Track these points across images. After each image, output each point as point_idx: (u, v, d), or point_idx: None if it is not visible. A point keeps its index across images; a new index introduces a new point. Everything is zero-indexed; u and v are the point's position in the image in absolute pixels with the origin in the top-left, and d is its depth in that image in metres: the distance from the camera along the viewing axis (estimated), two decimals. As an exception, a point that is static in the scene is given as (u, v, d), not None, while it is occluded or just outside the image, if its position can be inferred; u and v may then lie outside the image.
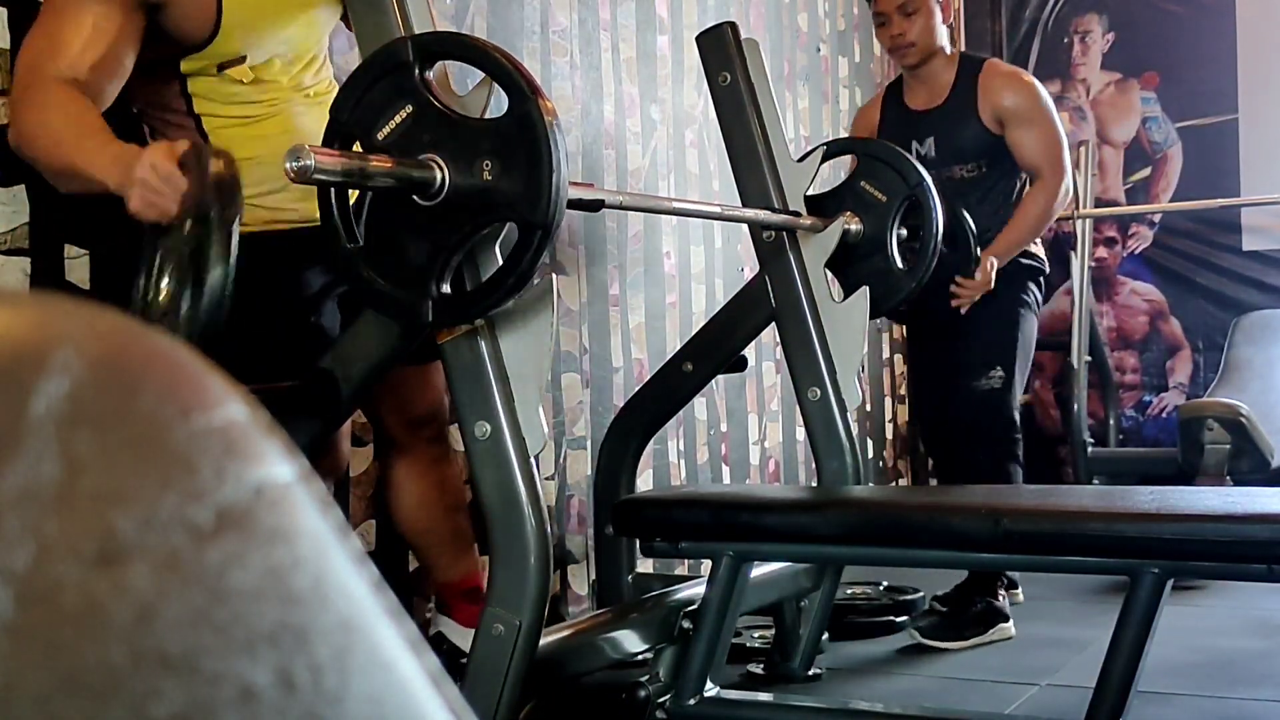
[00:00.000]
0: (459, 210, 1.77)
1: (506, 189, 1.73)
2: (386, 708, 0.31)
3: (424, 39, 1.81)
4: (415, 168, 1.75)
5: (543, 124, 1.71)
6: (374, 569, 0.34)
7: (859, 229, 2.91)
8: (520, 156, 1.72)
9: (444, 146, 1.76)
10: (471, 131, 1.76)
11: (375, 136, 1.79)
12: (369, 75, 1.81)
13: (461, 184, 1.75)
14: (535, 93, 1.72)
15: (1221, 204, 5.18)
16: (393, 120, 1.79)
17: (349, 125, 1.81)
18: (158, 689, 0.28)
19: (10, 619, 0.27)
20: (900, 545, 2.15)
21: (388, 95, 1.79)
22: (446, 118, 1.77)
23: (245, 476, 0.31)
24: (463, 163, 1.75)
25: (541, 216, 1.72)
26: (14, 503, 0.28)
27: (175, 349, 0.33)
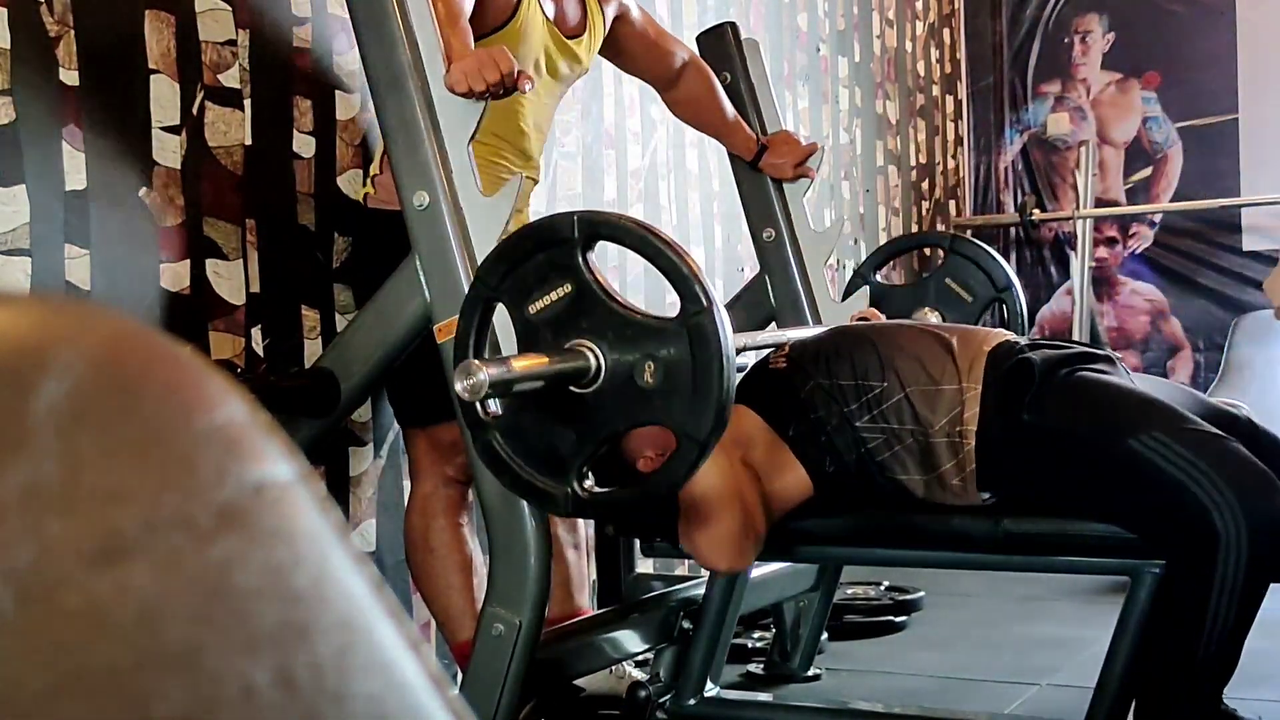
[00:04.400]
0: (612, 404, 1.67)
1: (669, 397, 1.63)
2: (386, 707, 0.31)
3: (591, 219, 1.70)
4: (573, 359, 1.66)
5: (718, 340, 1.60)
6: (374, 569, 0.34)
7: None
8: (688, 369, 1.61)
9: (602, 335, 1.66)
10: (635, 327, 1.65)
11: (527, 309, 1.70)
12: (524, 245, 1.72)
13: (618, 377, 1.65)
14: (711, 303, 1.61)
15: (1221, 204, 5.18)
16: (548, 297, 1.69)
17: (497, 292, 1.72)
18: (159, 688, 0.28)
19: (12, 618, 0.27)
20: (900, 545, 2.15)
21: (544, 270, 1.69)
22: (607, 306, 1.67)
23: (246, 476, 0.31)
24: (622, 357, 1.65)
25: (706, 435, 1.62)
26: (16, 502, 0.28)
27: (176, 349, 0.33)
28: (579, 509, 1.76)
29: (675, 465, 1.67)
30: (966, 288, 2.89)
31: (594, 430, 1.69)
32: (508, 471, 1.75)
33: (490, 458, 1.76)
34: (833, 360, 2.10)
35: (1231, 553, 1.76)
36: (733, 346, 1.63)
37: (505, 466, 1.75)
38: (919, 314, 2.89)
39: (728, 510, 1.98)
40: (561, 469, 1.71)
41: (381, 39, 1.97)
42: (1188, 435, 1.85)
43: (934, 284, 2.94)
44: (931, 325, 2.24)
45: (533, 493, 1.75)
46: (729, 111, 2.77)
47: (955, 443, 2.01)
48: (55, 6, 2.02)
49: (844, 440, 2.05)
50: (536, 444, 1.73)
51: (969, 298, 2.89)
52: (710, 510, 1.98)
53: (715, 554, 2.02)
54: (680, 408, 1.62)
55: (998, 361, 2.03)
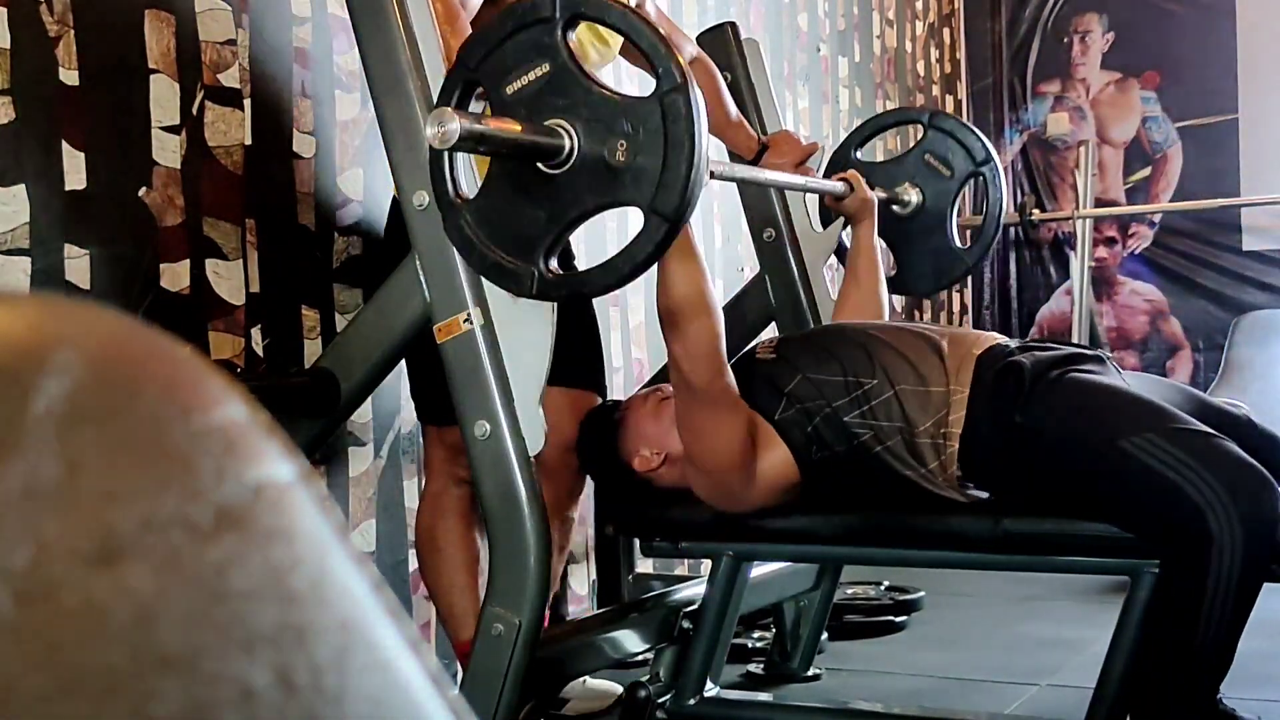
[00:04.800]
0: (583, 184, 1.65)
1: (640, 173, 1.62)
2: (386, 707, 0.31)
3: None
4: (546, 134, 1.64)
5: (690, 114, 1.59)
6: (374, 569, 0.34)
7: (919, 201, 2.87)
8: (660, 143, 1.60)
9: (577, 115, 1.64)
10: (610, 105, 1.64)
11: (505, 90, 1.68)
12: (505, 26, 1.70)
13: (590, 157, 1.64)
14: (685, 78, 1.61)
15: (1221, 204, 5.18)
16: (526, 77, 1.67)
17: (475, 73, 1.70)
18: (158, 689, 0.28)
19: (10, 618, 0.27)
20: (900, 545, 2.15)
21: (524, 50, 1.67)
22: (583, 85, 1.65)
23: (245, 476, 0.31)
24: (595, 136, 1.64)
25: (674, 211, 1.61)
26: (14, 502, 0.28)
27: (175, 349, 0.33)
28: (544, 289, 1.74)
29: (642, 242, 1.66)
30: (945, 162, 2.87)
31: (563, 210, 1.69)
32: (475, 251, 1.74)
33: (460, 239, 1.75)
34: (821, 355, 2.11)
35: (1225, 552, 1.76)
36: (705, 124, 1.62)
37: (474, 247, 1.74)
38: (899, 189, 2.87)
39: (702, 317, 1.98)
40: (530, 249, 1.70)
41: (381, 39, 1.97)
42: (1180, 435, 1.85)
43: (913, 160, 2.92)
44: (922, 326, 2.24)
45: (500, 273, 1.74)
46: (732, 111, 2.77)
47: (938, 444, 2.01)
48: (55, 6, 2.02)
49: (831, 432, 2.06)
50: (506, 225, 1.72)
51: (948, 172, 2.87)
52: (686, 316, 1.97)
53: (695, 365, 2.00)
54: (649, 185, 1.62)
55: (987, 365, 2.03)
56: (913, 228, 2.88)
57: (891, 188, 2.87)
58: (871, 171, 2.90)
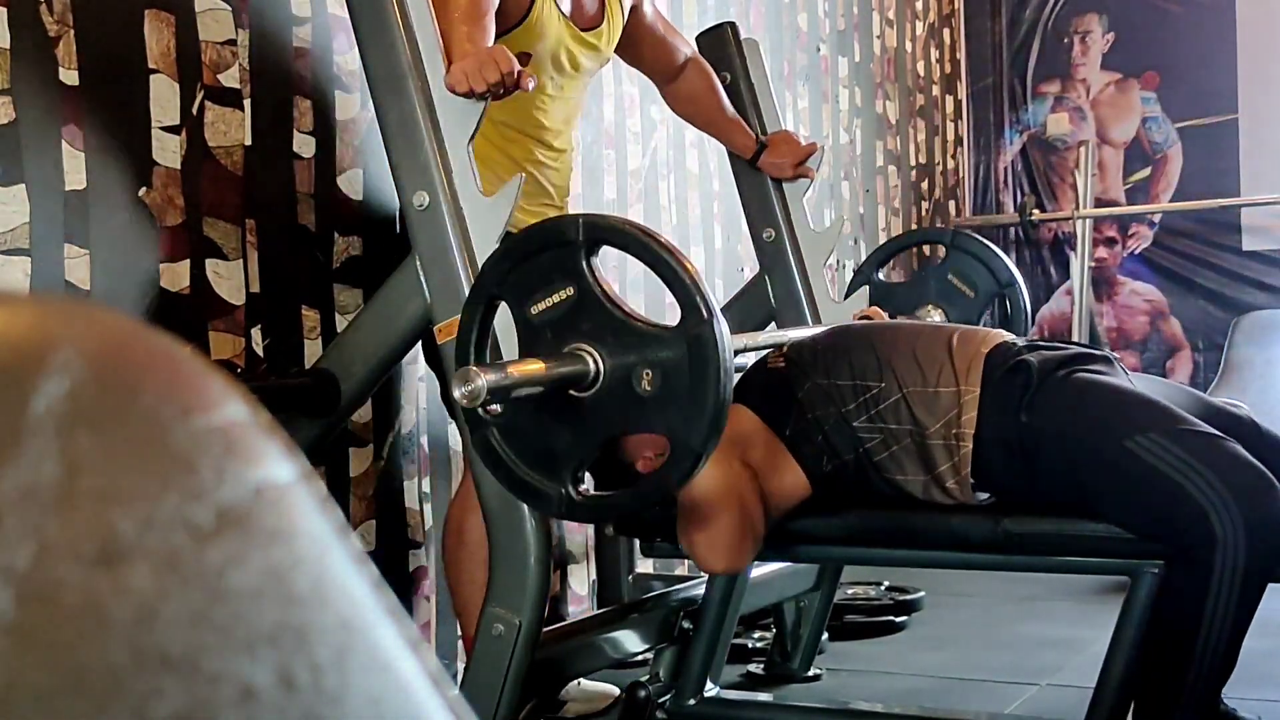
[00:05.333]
0: (610, 409, 1.67)
1: (666, 404, 1.64)
2: (386, 707, 0.31)
3: (596, 223, 1.71)
4: (572, 363, 1.66)
5: (716, 351, 1.61)
6: (374, 569, 0.34)
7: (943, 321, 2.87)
8: (686, 379, 1.62)
9: (602, 341, 1.67)
10: (636, 334, 1.66)
11: (529, 310, 1.71)
12: (527, 246, 1.72)
13: (616, 383, 1.66)
14: (712, 315, 1.62)
15: (1221, 204, 5.18)
16: (551, 299, 1.69)
17: (499, 290, 1.73)
18: (158, 689, 0.28)
19: (11, 618, 0.27)
20: (900, 545, 2.14)
21: (547, 271, 1.70)
22: (609, 311, 1.67)
23: (245, 476, 0.31)
24: (621, 364, 1.66)
25: (700, 444, 1.62)
26: (15, 502, 0.28)
27: (175, 349, 0.33)
28: (572, 511, 1.76)
29: (670, 472, 1.68)
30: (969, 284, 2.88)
31: (590, 434, 1.70)
32: (504, 469, 1.76)
33: (488, 455, 1.77)
34: (830, 360, 2.11)
35: (1229, 553, 1.76)
36: (731, 358, 1.63)
37: (501, 464, 1.76)
38: (921, 311, 2.88)
39: (726, 510, 1.98)
40: (557, 470, 1.72)
41: (381, 39, 1.97)
42: (1185, 436, 1.85)
43: (936, 280, 2.93)
44: (930, 326, 2.24)
45: (528, 492, 1.76)
46: (728, 110, 2.78)
47: (951, 445, 2.01)
48: (55, 6, 2.02)
49: (841, 440, 2.05)
50: (533, 444, 1.74)
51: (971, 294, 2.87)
52: (708, 511, 1.97)
53: (713, 555, 2.01)
54: (677, 416, 1.63)
55: (995, 364, 2.03)
56: None
57: (914, 308, 2.88)
58: (894, 292, 2.91)
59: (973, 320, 2.88)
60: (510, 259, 1.73)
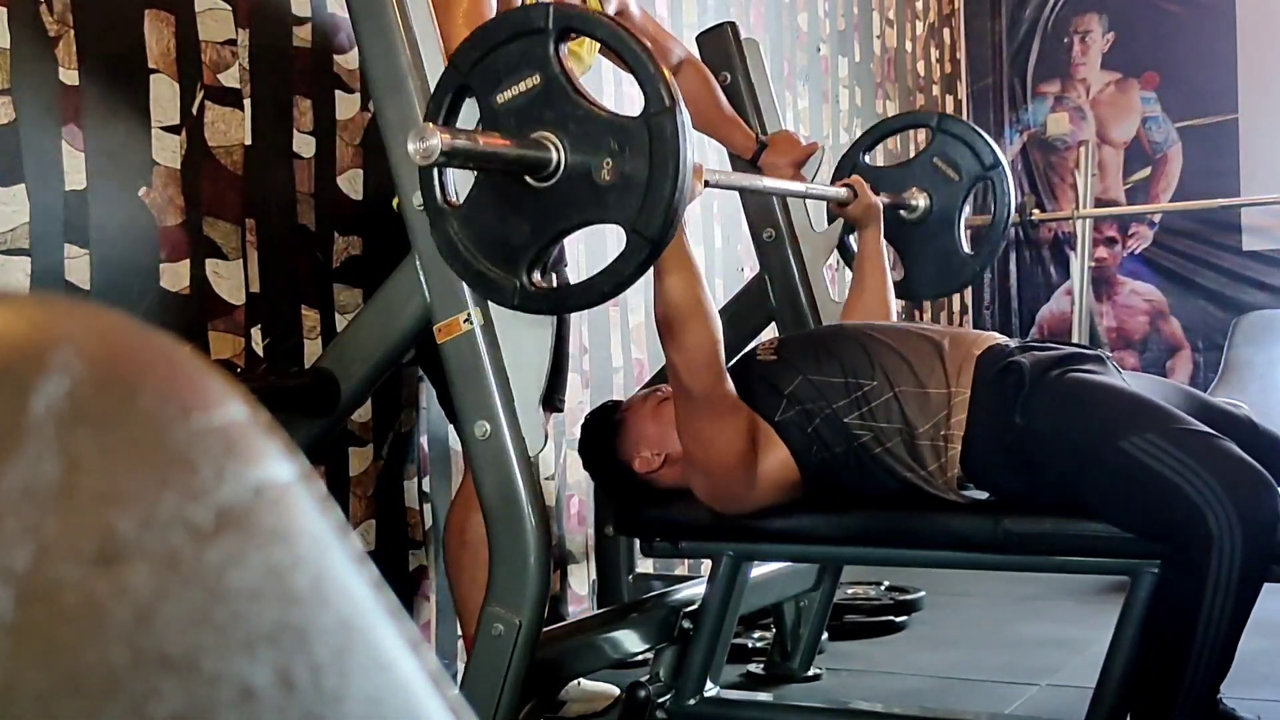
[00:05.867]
0: (568, 199, 1.66)
1: (624, 193, 1.63)
2: (386, 707, 0.31)
3: (566, 10, 1.68)
4: (534, 148, 1.64)
5: (677, 139, 1.60)
6: (374, 569, 0.34)
7: (927, 205, 2.87)
8: (646, 166, 1.61)
9: (565, 129, 1.65)
10: (598, 123, 1.65)
11: (495, 99, 1.69)
12: (498, 33, 1.70)
13: (576, 173, 1.65)
14: (674, 102, 1.61)
15: (1221, 204, 5.18)
16: (516, 87, 1.67)
17: (467, 78, 1.71)
18: (158, 689, 0.28)
19: (10, 618, 0.27)
20: (900, 545, 2.15)
21: (516, 60, 1.67)
22: (573, 100, 1.65)
23: (245, 476, 0.31)
24: (582, 152, 1.64)
25: (656, 233, 1.62)
26: (14, 502, 0.28)
27: (175, 349, 0.33)
28: (526, 301, 1.75)
29: (624, 261, 1.67)
30: (954, 166, 2.86)
31: (548, 224, 1.69)
32: (461, 260, 1.75)
33: (446, 245, 1.76)
34: (822, 355, 2.11)
35: (1225, 552, 1.76)
36: (691, 148, 1.63)
37: (459, 253, 1.75)
38: (907, 194, 2.86)
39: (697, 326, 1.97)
40: (514, 261, 1.71)
41: (381, 39, 1.97)
42: (1180, 435, 1.85)
43: (921, 164, 2.91)
44: (923, 327, 2.23)
45: (483, 282, 1.75)
46: (726, 110, 2.77)
47: (939, 446, 2.01)
48: (55, 6, 2.02)
49: (832, 434, 2.06)
50: (491, 234, 1.73)
51: (956, 176, 2.85)
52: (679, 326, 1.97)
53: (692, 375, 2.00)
54: (633, 205, 1.62)
55: (987, 365, 2.03)
56: (919, 232, 2.88)
57: (899, 192, 2.87)
58: (878, 176, 2.89)
59: (957, 203, 2.86)
60: (479, 47, 1.71)
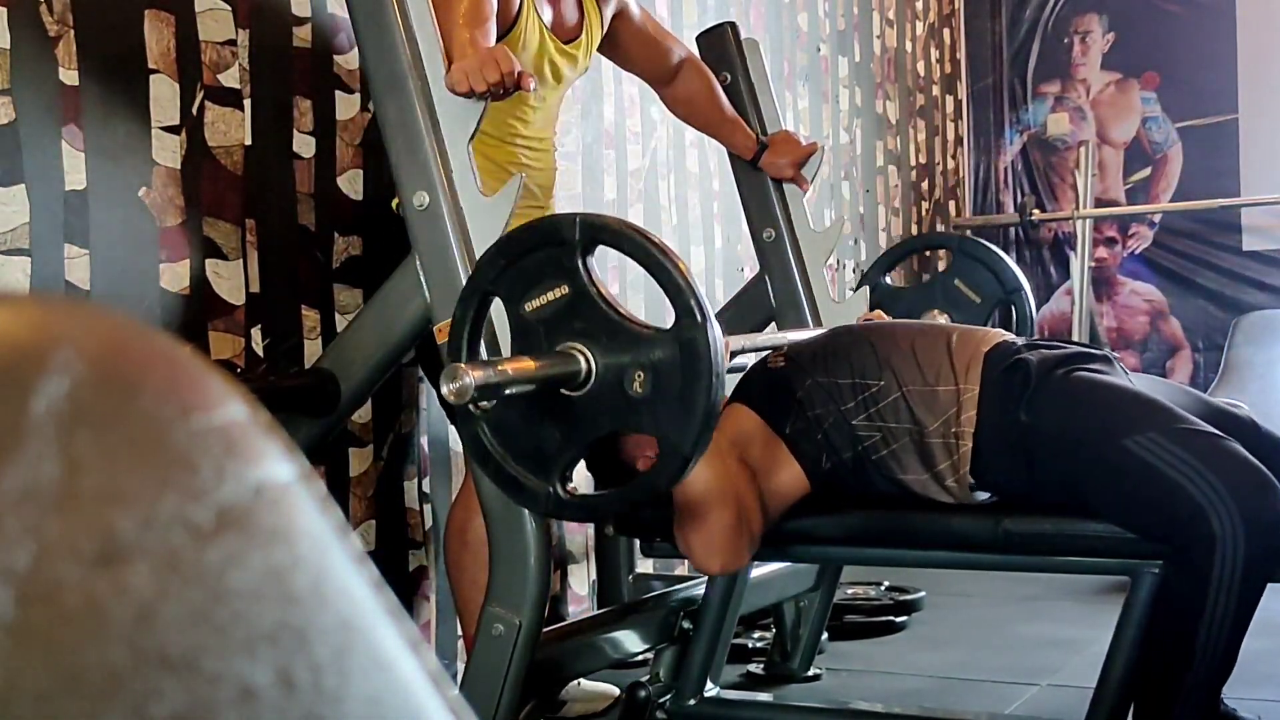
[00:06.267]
0: (601, 409, 1.67)
1: (656, 406, 1.64)
2: (386, 707, 0.31)
3: (593, 222, 1.70)
4: (563, 363, 1.66)
5: (709, 356, 1.61)
6: (374, 569, 0.34)
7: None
8: (678, 382, 1.62)
9: (595, 340, 1.67)
10: (629, 335, 1.66)
11: (523, 307, 1.71)
12: (525, 243, 1.72)
13: (607, 383, 1.66)
14: (706, 318, 1.61)
15: (1221, 204, 5.18)
16: (544, 297, 1.69)
17: (494, 286, 1.73)
18: (158, 689, 0.28)
19: (11, 619, 0.27)
20: (900, 545, 2.14)
21: (542, 269, 1.70)
22: (603, 311, 1.67)
23: (245, 476, 0.31)
24: (613, 364, 1.66)
25: (690, 447, 1.63)
26: (14, 503, 0.28)
27: (175, 349, 0.33)
28: (559, 509, 1.76)
29: (658, 475, 1.68)
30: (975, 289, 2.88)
31: (580, 433, 1.70)
32: (492, 464, 1.75)
33: (477, 450, 1.76)
34: (830, 359, 2.11)
35: (1228, 552, 1.76)
36: (723, 362, 1.63)
37: (490, 459, 1.75)
38: (927, 315, 2.88)
39: (722, 509, 1.98)
40: (546, 468, 1.72)
41: (381, 39, 1.97)
42: (1184, 435, 1.85)
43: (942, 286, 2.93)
44: (929, 325, 2.23)
45: (516, 489, 1.76)
46: (727, 110, 2.77)
47: (950, 444, 2.01)
48: (55, 6, 2.02)
49: (840, 438, 2.05)
50: (523, 441, 1.74)
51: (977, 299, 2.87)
52: (704, 510, 1.97)
53: (708, 555, 2.01)
54: (667, 418, 1.63)
55: (994, 362, 2.03)
56: None
57: (920, 313, 2.88)
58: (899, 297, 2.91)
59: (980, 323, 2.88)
60: (505, 256, 1.73)
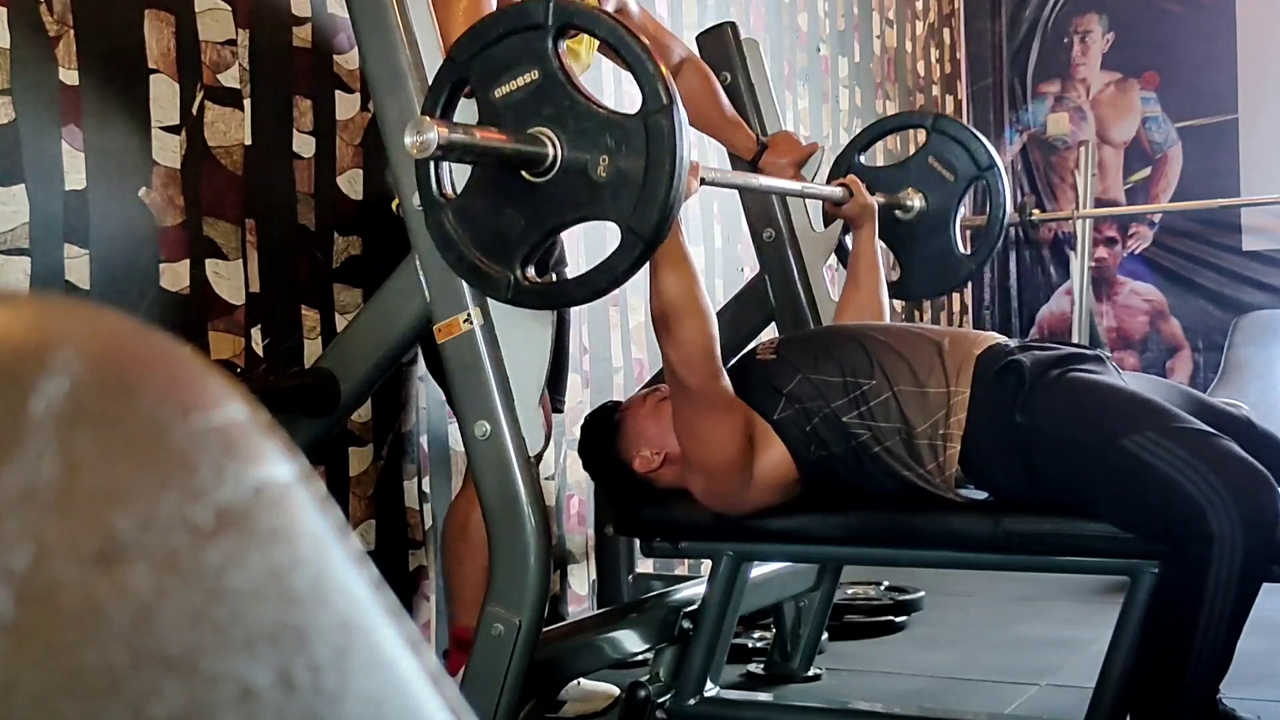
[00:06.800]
0: (564, 195, 1.66)
1: (620, 190, 1.62)
2: (386, 707, 0.31)
3: (565, 6, 1.67)
4: (531, 144, 1.64)
5: (674, 137, 1.60)
6: (374, 569, 0.34)
7: (922, 206, 2.87)
8: (642, 164, 1.61)
9: (563, 125, 1.65)
10: (595, 119, 1.64)
11: (492, 93, 1.69)
12: (497, 27, 1.69)
13: (572, 169, 1.65)
14: (671, 100, 1.60)
15: (1221, 204, 5.18)
16: (514, 82, 1.67)
17: (465, 72, 1.71)
18: (157, 689, 0.28)
19: (10, 619, 0.27)
20: (900, 545, 2.14)
21: (514, 54, 1.67)
22: (571, 96, 1.65)
23: (245, 476, 0.31)
24: (579, 148, 1.64)
25: (650, 232, 1.62)
26: (14, 502, 0.28)
27: (175, 349, 0.33)
28: (519, 296, 1.74)
29: (618, 258, 1.67)
30: (949, 167, 2.86)
31: (543, 218, 1.69)
32: (454, 251, 1.74)
33: (440, 236, 1.75)
34: (820, 355, 2.11)
35: (1226, 551, 1.76)
36: (687, 146, 1.62)
37: (453, 245, 1.74)
38: (903, 194, 2.86)
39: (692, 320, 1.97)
40: (508, 255, 1.71)
41: (381, 39, 1.97)
42: (1181, 434, 1.85)
43: (917, 164, 2.91)
44: (922, 327, 2.23)
45: (477, 275, 1.75)
46: (728, 110, 2.77)
47: (936, 446, 2.01)
48: (55, 6, 2.02)
49: (831, 432, 2.06)
50: (486, 227, 1.72)
51: (951, 176, 2.85)
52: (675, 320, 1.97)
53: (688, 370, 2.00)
54: (628, 202, 1.62)
55: (987, 365, 2.03)
56: (916, 232, 2.88)
57: (894, 192, 2.87)
58: (874, 176, 2.89)
59: (952, 204, 2.86)
60: (478, 40, 1.71)
